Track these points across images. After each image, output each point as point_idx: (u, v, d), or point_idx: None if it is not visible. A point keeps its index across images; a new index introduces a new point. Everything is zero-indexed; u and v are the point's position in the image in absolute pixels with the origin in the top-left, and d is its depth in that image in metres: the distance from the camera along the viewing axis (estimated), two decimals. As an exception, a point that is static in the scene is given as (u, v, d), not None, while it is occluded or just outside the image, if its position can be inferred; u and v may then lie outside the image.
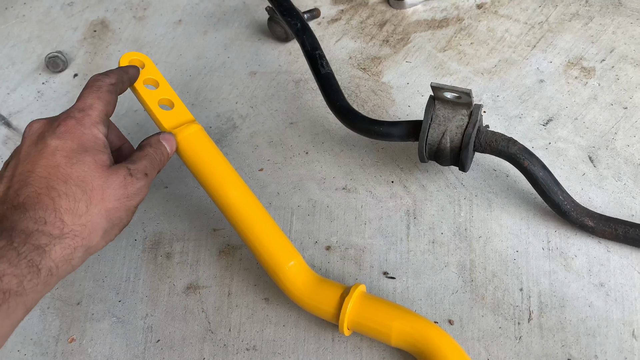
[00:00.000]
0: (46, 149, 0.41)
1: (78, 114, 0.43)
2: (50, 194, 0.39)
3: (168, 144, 0.47)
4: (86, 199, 0.40)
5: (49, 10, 0.88)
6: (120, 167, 0.43)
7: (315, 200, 0.58)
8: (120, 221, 0.42)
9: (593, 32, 0.66)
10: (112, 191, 0.41)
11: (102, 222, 0.40)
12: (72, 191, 0.39)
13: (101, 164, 0.42)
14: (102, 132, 0.44)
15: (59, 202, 0.38)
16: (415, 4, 0.74)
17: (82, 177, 0.40)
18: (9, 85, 0.78)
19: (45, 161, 0.40)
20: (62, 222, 0.38)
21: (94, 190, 0.40)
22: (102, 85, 0.46)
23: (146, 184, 0.44)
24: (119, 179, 0.42)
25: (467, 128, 0.48)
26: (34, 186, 0.39)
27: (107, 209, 0.41)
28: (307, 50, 0.58)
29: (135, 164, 0.44)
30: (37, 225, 0.37)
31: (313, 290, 0.48)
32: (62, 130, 0.42)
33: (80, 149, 0.41)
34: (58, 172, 0.40)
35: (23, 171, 0.40)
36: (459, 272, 0.51)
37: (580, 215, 0.49)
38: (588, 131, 0.58)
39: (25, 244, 0.36)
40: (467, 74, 0.65)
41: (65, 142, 0.41)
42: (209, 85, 0.72)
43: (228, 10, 0.80)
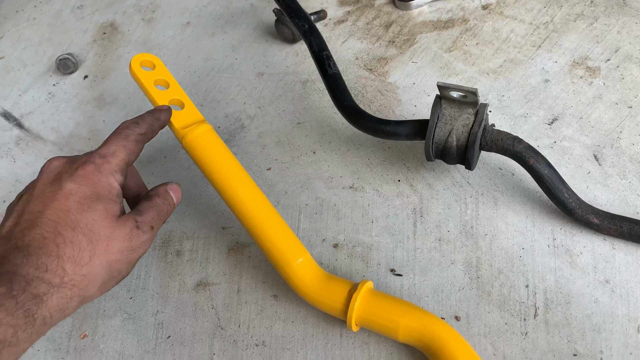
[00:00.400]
0: (60, 192, 0.40)
1: (98, 160, 0.43)
2: (56, 239, 0.38)
3: (175, 195, 0.47)
4: (91, 249, 0.39)
5: (59, 13, 0.89)
6: (128, 219, 0.42)
7: (323, 198, 0.59)
8: (119, 274, 0.42)
9: (598, 32, 0.67)
10: (117, 243, 0.41)
11: (102, 273, 0.40)
12: (78, 239, 0.39)
13: (111, 214, 0.41)
14: (118, 181, 0.43)
15: (64, 249, 0.38)
16: (421, 5, 0.74)
17: (90, 225, 0.40)
18: (20, 87, 0.79)
19: (58, 204, 0.40)
20: (64, 270, 0.38)
21: (100, 240, 0.40)
22: (131, 134, 0.45)
23: (151, 237, 0.43)
24: (126, 231, 0.41)
25: (473, 127, 0.49)
26: (42, 229, 0.38)
27: (109, 260, 0.40)
28: (315, 51, 0.59)
29: (143, 215, 0.43)
30: (39, 272, 0.37)
31: (321, 287, 0.48)
32: (80, 174, 0.41)
33: (93, 196, 0.41)
34: (68, 217, 0.39)
35: (33, 210, 0.40)
36: (466, 269, 0.51)
37: (585, 213, 0.49)
38: (593, 130, 0.58)
39: (24, 292, 0.36)
40: (472, 74, 0.66)
41: (80, 187, 0.41)
42: (217, 86, 0.73)
43: (235, 13, 0.81)
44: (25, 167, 0.69)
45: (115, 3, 0.89)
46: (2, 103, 0.77)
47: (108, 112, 0.73)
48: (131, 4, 0.88)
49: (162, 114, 0.49)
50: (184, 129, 0.51)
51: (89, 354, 0.53)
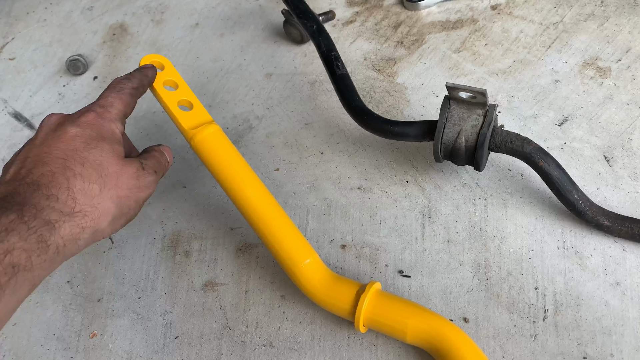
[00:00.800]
0: (65, 135, 0.42)
1: (99, 109, 0.45)
2: (66, 173, 0.39)
3: (168, 155, 0.50)
4: (100, 182, 0.41)
5: (70, 15, 0.90)
6: (133, 160, 0.45)
7: (331, 199, 0.59)
8: (128, 211, 0.43)
9: (609, 32, 0.66)
10: (126, 180, 0.42)
11: (112, 207, 0.41)
12: (88, 173, 0.40)
13: (117, 153, 0.43)
14: (119, 128, 0.46)
15: (74, 182, 0.39)
16: (429, 6, 0.74)
17: (99, 161, 0.41)
18: (31, 87, 0.80)
19: (64, 145, 0.41)
20: (74, 200, 0.39)
21: (109, 175, 0.41)
22: (124, 87, 0.47)
23: (155, 180, 0.46)
24: (133, 170, 0.43)
25: (482, 128, 0.48)
26: (50, 165, 0.39)
27: (119, 195, 0.42)
28: (323, 52, 0.59)
29: (147, 160, 0.46)
30: (49, 201, 0.37)
31: (329, 288, 0.48)
32: (82, 121, 0.43)
33: (98, 137, 0.43)
34: (76, 154, 0.41)
35: (39, 152, 0.41)
36: (474, 270, 0.51)
37: (595, 215, 0.49)
38: (604, 131, 0.58)
39: (36, 219, 0.36)
40: (481, 75, 0.66)
41: (84, 130, 0.42)
42: (226, 87, 0.73)
43: (244, 14, 0.82)
44: (36, 168, 0.70)
45: (125, 4, 0.89)
46: (13, 104, 0.78)
47: (117, 113, 0.73)
48: (140, 5, 0.88)
49: (148, 70, 0.51)
50: (193, 129, 0.51)
51: (98, 353, 0.53)
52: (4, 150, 0.73)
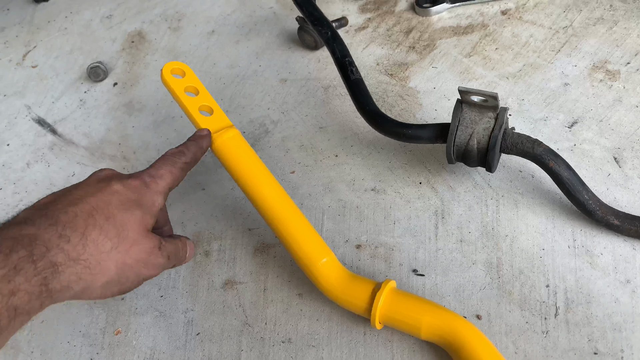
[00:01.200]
0: (107, 188, 0.42)
1: (147, 178, 0.45)
2: (88, 220, 0.39)
3: (189, 249, 0.50)
4: (115, 242, 0.40)
5: (90, 23, 0.93)
6: (155, 237, 0.44)
7: (345, 200, 0.61)
8: (125, 281, 0.42)
9: (618, 36, 0.67)
10: (138, 251, 0.42)
11: (113, 270, 0.40)
12: (108, 228, 0.40)
13: (145, 224, 0.43)
14: (160, 202, 0.45)
15: (91, 231, 0.39)
16: (440, 12, 0.76)
17: (123, 223, 0.41)
18: (53, 94, 0.82)
19: (101, 195, 0.41)
20: (84, 247, 0.38)
21: (126, 239, 0.41)
22: (177, 162, 0.48)
23: (163, 266, 0.45)
24: (150, 245, 0.43)
25: (493, 130, 0.50)
26: (77, 207, 0.40)
27: (124, 262, 0.41)
28: (337, 58, 0.61)
29: (167, 243, 0.45)
30: (60, 241, 0.37)
31: (345, 286, 0.50)
32: (128, 182, 0.44)
33: (136, 202, 0.43)
34: (106, 208, 0.41)
35: (75, 193, 0.41)
36: (487, 269, 0.53)
37: (605, 214, 0.50)
38: (613, 133, 0.59)
39: (44, 259, 0.36)
40: (492, 79, 0.67)
41: (126, 190, 0.43)
42: (242, 93, 0.75)
43: (259, 21, 0.84)
44: (59, 172, 0.72)
45: (143, 12, 0.92)
46: (36, 110, 0.81)
47: (137, 118, 0.76)
48: (158, 13, 0.91)
49: (204, 141, 0.51)
50: (214, 133, 0.53)
51: (122, 350, 0.55)
52: (29, 155, 0.75)
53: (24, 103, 0.82)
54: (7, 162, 0.75)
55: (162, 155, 0.48)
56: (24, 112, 0.81)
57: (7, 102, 0.83)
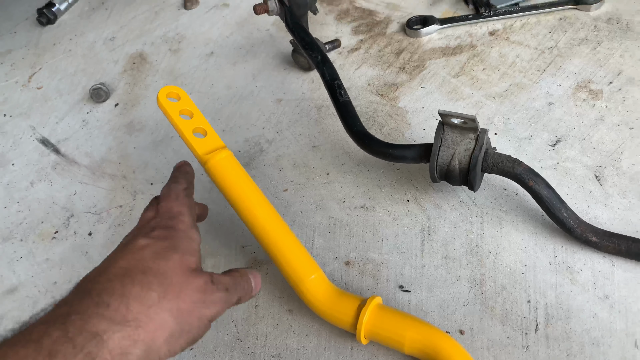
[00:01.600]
0: (134, 246, 0.39)
1: (170, 222, 0.43)
2: (124, 280, 0.36)
3: (255, 281, 0.46)
4: (160, 291, 0.36)
5: (93, 45, 0.96)
6: (204, 273, 0.41)
7: (336, 218, 0.62)
8: (190, 329, 0.38)
9: (601, 56, 0.69)
10: (190, 292, 0.38)
11: (170, 320, 0.36)
12: (148, 280, 0.36)
13: (187, 265, 0.40)
14: (196, 236, 0.43)
15: (130, 289, 0.35)
16: (430, 33, 0.78)
17: (162, 270, 0.38)
18: (57, 114, 0.85)
19: (131, 255, 0.38)
20: (127, 308, 0.34)
21: (172, 285, 0.37)
22: (179, 192, 0.46)
23: (224, 299, 0.41)
24: (200, 282, 0.39)
25: (474, 151, 0.52)
26: (110, 274, 0.37)
27: (179, 308, 0.37)
28: (327, 81, 0.63)
29: (220, 276, 0.42)
30: (98, 308, 0.34)
31: (333, 302, 0.52)
32: (156, 234, 0.41)
33: (171, 247, 0.40)
34: (140, 264, 0.37)
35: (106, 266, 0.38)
36: (470, 285, 0.54)
37: (584, 231, 0.52)
38: (595, 151, 0.60)
39: (82, 332, 0.32)
40: (479, 98, 0.69)
41: (156, 241, 0.40)
42: (239, 112, 0.77)
43: (256, 43, 0.86)
44: (62, 190, 0.75)
45: (144, 35, 0.95)
46: (40, 130, 0.84)
47: (137, 138, 0.78)
48: (159, 35, 0.94)
49: (187, 167, 0.52)
50: (207, 154, 0.55)
51: (119, 364, 0.57)
52: (33, 174, 0.78)
53: (29, 124, 0.85)
54: (12, 181, 0.78)
55: (161, 194, 0.46)
56: (29, 132, 0.84)
57: (13, 122, 0.86)
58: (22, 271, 0.67)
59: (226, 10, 0.94)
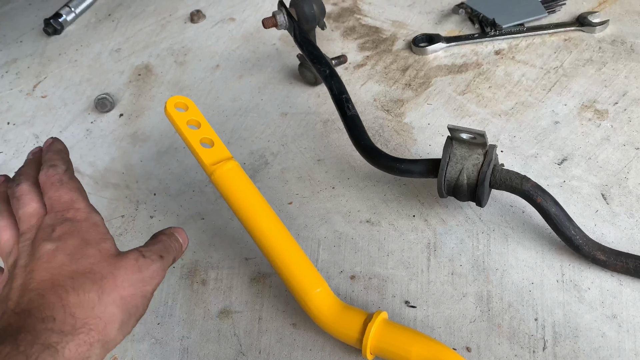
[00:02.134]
0: (45, 254, 0.38)
1: (68, 215, 0.40)
2: (57, 291, 0.36)
3: (180, 235, 0.46)
4: (97, 288, 0.37)
5: (99, 56, 0.96)
6: (130, 252, 0.40)
7: (341, 232, 0.62)
8: (136, 310, 0.39)
9: (606, 77, 0.70)
10: (125, 276, 0.38)
11: (117, 312, 0.37)
12: (80, 283, 0.36)
13: (106, 253, 0.39)
14: (98, 218, 0.42)
15: (67, 298, 0.35)
16: (436, 51, 0.79)
17: (87, 269, 0.37)
18: (61, 124, 0.85)
19: (47, 264, 0.37)
20: (73, 317, 0.35)
21: (105, 278, 0.37)
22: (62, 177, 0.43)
23: (162, 267, 0.41)
24: (131, 263, 0.39)
25: (482, 166, 0.52)
26: (36, 290, 0.36)
27: (122, 296, 0.38)
28: (335, 95, 0.63)
29: (147, 247, 0.42)
30: (45, 324, 0.34)
31: (338, 316, 0.51)
32: (58, 234, 0.39)
33: (82, 243, 0.39)
34: (62, 270, 0.37)
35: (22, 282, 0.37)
36: (477, 302, 0.54)
37: (592, 249, 0.51)
38: (601, 170, 0.61)
39: (34, 345, 0.32)
40: (485, 116, 0.69)
41: (64, 242, 0.38)
42: (244, 125, 0.77)
43: (262, 57, 0.87)
44: (64, 199, 0.74)
45: (150, 46, 0.95)
46: (44, 139, 0.83)
47: (141, 148, 0.78)
48: (165, 47, 0.94)
49: (57, 144, 0.48)
50: (213, 165, 0.55)
51: (118, 376, 0.56)
52: (35, 182, 0.77)
53: (33, 132, 0.85)
54: (14, 189, 0.77)
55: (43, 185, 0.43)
56: (32, 140, 0.84)
57: (16, 130, 0.86)
58: (21, 280, 0.66)
59: (232, 24, 0.95)
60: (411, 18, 0.86)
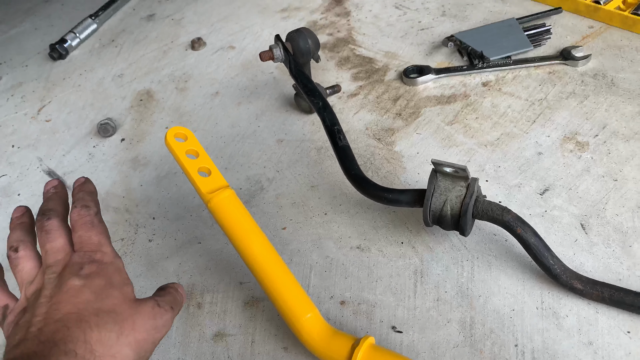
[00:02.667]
0: (72, 289, 0.41)
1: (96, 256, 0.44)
2: (81, 325, 0.38)
3: (182, 291, 0.50)
4: (117, 329, 0.40)
5: (102, 81, 1.00)
6: (148, 299, 0.44)
7: (332, 257, 0.65)
8: (145, 354, 0.42)
9: (587, 110, 0.73)
10: (142, 322, 0.42)
11: (130, 354, 0.40)
12: (104, 321, 0.39)
13: (128, 296, 0.43)
14: (121, 264, 0.45)
15: (90, 334, 0.38)
16: (426, 82, 0.82)
17: (111, 308, 0.40)
18: (64, 147, 0.88)
19: (73, 299, 0.40)
20: (93, 354, 0.37)
21: (125, 320, 0.41)
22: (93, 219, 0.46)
23: (172, 317, 0.45)
24: (148, 309, 0.43)
25: (465, 198, 0.55)
26: (62, 321, 0.38)
27: (136, 340, 0.41)
28: (327, 126, 0.66)
29: (161, 297, 0.46)
30: (68, 357, 0.36)
31: (327, 341, 0.53)
32: (86, 273, 0.42)
33: (107, 284, 0.42)
34: (88, 306, 0.40)
35: (47, 311, 0.39)
36: (460, 327, 0.56)
37: (569, 278, 0.54)
38: (581, 200, 0.63)
39: None
40: (471, 146, 0.72)
41: (91, 280, 0.42)
42: (241, 151, 0.80)
43: (260, 85, 0.90)
44: (66, 221, 0.77)
45: (152, 73, 0.98)
46: (47, 162, 0.86)
47: (142, 173, 0.81)
48: (166, 74, 0.97)
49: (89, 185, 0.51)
50: (210, 193, 0.57)
51: (115, 396, 0.58)
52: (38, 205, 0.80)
53: (37, 155, 0.88)
54: (17, 211, 0.79)
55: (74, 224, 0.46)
56: (36, 163, 0.86)
57: (21, 154, 0.89)
58: (24, 301, 0.68)
59: (232, 52, 0.99)
60: (403, 49, 0.90)
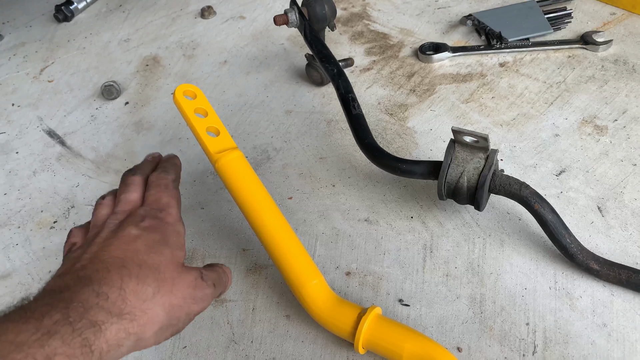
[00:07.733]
0: (127, 236, 0.40)
1: (160, 214, 0.43)
2: (121, 272, 0.37)
3: (228, 272, 0.48)
4: (155, 286, 0.38)
5: (107, 45, 0.97)
6: (193, 269, 0.42)
7: (339, 229, 0.63)
8: (177, 322, 0.40)
9: (607, 94, 0.71)
10: (182, 288, 0.40)
11: (162, 315, 0.38)
12: (144, 274, 0.38)
13: (177, 259, 0.41)
14: (183, 230, 0.44)
15: (127, 282, 0.37)
16: (442, 59, 0.80)
17: (156, 264, 0.39)
18: (66, 108, 0.86)
19: (124, 245, 0.40)
20: (124, 301, 0.36)
21: (166, 280, 0.39)
22: (169, 183, 0.47)
23: (212, 294, 0.43)
24: (191, 278, 0.41)
25: (483, 170, 0.53)
26: (106, 263, 0.38)
27: (171, 303, 0.39)
28: (342, 93, 0.64)
29: (207, 271, 0.44)
30: (99, 299, 0.35)
31: (332, 309, 0.51)
32: (146, 225, 0.42)
33: (162, 241, 0.41)
34: (135, 256, 0.39)
35: (98, 250, 0.39)
36: (470, 304, 0.54)
37: (586, 259, 0.52)
38: (598, 183, 0.62)
39: (82, 319, 0.34)
40: (487, 125, 0.70)
41: (148, 233, 0.41)
42: (248, 120, 0.78)
43: (270, 55, 0.88)
44: (64, 181, 0.74)
45: (159, 39, 0.96)
46: (48, 122, 0.84)
47: (145, 137, 0.79)
48: (174, 40, 0.95)
49: (176, 159, 0.51)
50: (218, 153, 0.55)
51: (109, 358, 0.56)
52: (36, 164, 0.78)
53: (37, 114, 0.85)
54: (14, 169, 0.77)
55: (150, 182, 0.47)
56: (36, 123, 0.84)
57: (20, 112, 0.86)
58: (17, 258, 0.66)
59: (242, 22, 0.96)
60: (419, 27, 0.88)
